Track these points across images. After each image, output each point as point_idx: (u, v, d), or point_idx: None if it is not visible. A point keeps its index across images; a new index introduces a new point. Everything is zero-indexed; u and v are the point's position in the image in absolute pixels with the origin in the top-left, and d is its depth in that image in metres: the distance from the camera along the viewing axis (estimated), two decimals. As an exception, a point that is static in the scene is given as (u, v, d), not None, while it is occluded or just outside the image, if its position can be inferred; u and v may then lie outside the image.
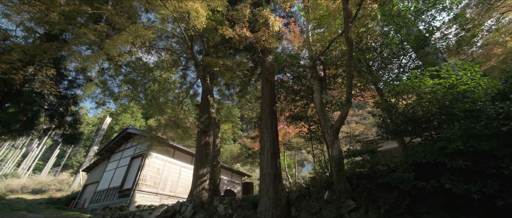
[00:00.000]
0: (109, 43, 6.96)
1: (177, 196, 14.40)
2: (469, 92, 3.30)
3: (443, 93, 3.56)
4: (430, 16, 5.11)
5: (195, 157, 10.34)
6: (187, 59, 16.27)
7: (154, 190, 13.13)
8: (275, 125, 7.27)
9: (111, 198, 13.34)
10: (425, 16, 5.29)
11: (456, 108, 3.36)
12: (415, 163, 3.94)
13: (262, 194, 5.96)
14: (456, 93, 3.37)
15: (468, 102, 3.24)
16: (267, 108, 7.47)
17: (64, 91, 13.05)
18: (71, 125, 13.30)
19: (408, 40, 5.81)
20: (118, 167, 15.28)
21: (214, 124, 8.79)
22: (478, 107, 3.14)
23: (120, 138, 16.71)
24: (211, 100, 9.35)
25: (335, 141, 5.51)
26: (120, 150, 16.76)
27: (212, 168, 8.21)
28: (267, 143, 6.70)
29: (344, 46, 5.66)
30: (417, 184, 3.87)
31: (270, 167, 6.26)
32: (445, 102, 3.45)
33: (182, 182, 15.26)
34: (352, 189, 5.29)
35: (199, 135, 10.88)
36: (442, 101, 3.48)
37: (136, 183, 12.32)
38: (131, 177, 13.13)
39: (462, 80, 3.39)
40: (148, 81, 15.07)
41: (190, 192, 9.39)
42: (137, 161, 13.74)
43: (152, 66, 14.92)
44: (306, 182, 8.95)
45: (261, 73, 8.67)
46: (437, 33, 4.91)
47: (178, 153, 15.89)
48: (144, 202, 12.17)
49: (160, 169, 14.06)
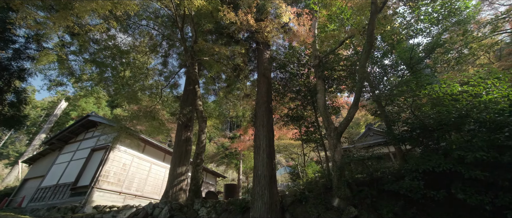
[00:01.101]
0: (81, 5, 5.65)
1: (144, 196, 12.84)
2: (492, 103, 3.35)
3: (466, 101, 3.57)
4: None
5: (173, 154, 9.25)
6: (169, 45, 14.85)
7: (117, 188, 11.44)
8: (271, 124, 6.81)
9: (60, 197, 11.20)
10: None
11: (476, 118, 3.36)
12: (425, 171, 3.87)
13: (256, 198, 5.40)
14: (481, 102, 3.39)
15: (490, 112, 3.27)
16: (264, 105, 6.98)
17: (7, 61, 10.55)
18: (13, 105, 10.82)
19: (402, 57, 5.97)
20: (73, 160, 13.03)
21: (201, 118, 7.92)
22: (499, 118, 3.16)
23: (78, 126, 14.35)
24: (198, 91, 8.46)
25: (338, 145, 5.28)
26: (77, 140, 14.38)
27: (195, 167, 7.34)
28: (263, 142, 6.19)
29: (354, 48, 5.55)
30: (427, 193, 3.80)
31: (266, 169, 5.75)
32: (466, 111, 3.45)
33: (151, 180, 13.72)
34: (352, 196, 5.10)
35: (179, 130, 9.81)
36: (464, 110, 3.48)
37: (95, 179, 10.55)
38: (89, 172, 11.23)
39: (490, 90, 3.44)
40: (121, 64, 13.24)
41: (165, 192, 8.29)
42: (99, 154, 11.85)
43: (128, 48, 13.14)
44: (293, 185, 8.67)
45: (258, 67, 8.16)
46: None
47: (149, 148, 14.28)
48: (104, 202, 10.47)
49: (127, 164, 12.38)
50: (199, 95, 8.41)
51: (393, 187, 4.26)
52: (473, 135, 3.39)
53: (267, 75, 7.76)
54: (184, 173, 8.78)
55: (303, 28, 5.66)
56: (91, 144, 13.11)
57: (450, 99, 3.67)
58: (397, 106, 5.41)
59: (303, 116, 7.08)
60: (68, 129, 14.54)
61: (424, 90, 3.86)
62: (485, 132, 3.28)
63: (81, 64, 13.49)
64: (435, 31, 5.02)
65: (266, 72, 7.83)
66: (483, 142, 3.14)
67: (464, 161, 3.30)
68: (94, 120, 13.69)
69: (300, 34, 5.75)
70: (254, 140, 6.59)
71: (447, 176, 3.89)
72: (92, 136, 13.89)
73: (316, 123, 6.69)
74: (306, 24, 5.65)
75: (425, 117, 4.10)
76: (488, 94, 3.42)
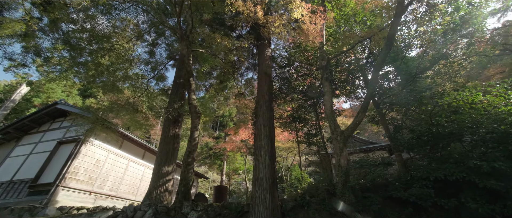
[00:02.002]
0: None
1: (118, 197, 11.61)
2: (506, 114, 3.45)
3: (484, 111, 3.66)
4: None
5: (159, 151, 8.45)
6: (158, 34, 13.80)
7: (88, 187, 10.15)
8: (273, 123, 6.51)
9: (15, 195, 9.59)
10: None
11: (490, 128, 3.43)
12: (436, 179, 3.88)
13: (257, 202, 5.02)
14: (498, 113, 3.48)
15: (506, 123, 3.36)
16: (265, 104, 6.65)
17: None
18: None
19: (409, 66, 6.10)
20: (33, 153, 11.33)
21: (194, 114, 7.30)
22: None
23: (43, 115, 12.58)
24: (193, 85, 7.84)
25: (344, 149, 5.15)
26: (40, 130, 12.58)
27: (186, 167, 6.71)
28: (264, 143, 5.85)
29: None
30: (437, 201, 3.79)
31: (267, 171, 5.41)
32: (481, 120, 3.53)
33: (128, 179, 12.48)
34: (356, 201, 4.99)
35: (167, 125, 9.02)
36: (479, 119, 3.55)
37: (62, 176, 9.21)
38: (54, 168, 9.79)
39: (509, 101, 3.55)
40: (100, 49, 11.85)
41: (147, 193, 7.48)
42: (68, 148, 10.43)
43: (110, 31, 11.83)
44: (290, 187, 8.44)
45: (259, 65, 7.82)
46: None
47: (128, 144, 13.01)
48: (71, 203, 9.19)
49: (101, 161, 11.09)
50: (193, 88, 7.79)
51: (401, 194, 4.21)
52: (486, 146, 3.46)
53: (268, 73, 7.47)
54: (170, 173, 8.04)
55: (314, 27, 5.49)
56: (57, 136, 11.52)
57: (468, 107, 3.75)
58: (401, 113, 5.51)
59: (306, 118, 6.91)
60: (30, 117, 12.64)
61: (446, 98, 3.91)
62: (497, 143, 3.36)
63: (49, 48, 11.85)
64: (441, 42, 5.23)
65: (267, 70, 7.54)
66: (499, 152, 3.21)
67: (480, 171, 3.33)
68: (63, 109, 12.08)
69: (310, 33, 5.57)
70: (254, 140, 6.22)
71: (454, 184, 3.94)
72: (60, 127, 12.24)
73: (318, 125, 6.57)
74: (318, 23, 5.49)
75: (438, 125, 4.13)
76: (507, 105, 3.55)
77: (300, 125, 6.92)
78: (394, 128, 5.17)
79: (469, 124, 3.66)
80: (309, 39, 5.70)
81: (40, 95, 19.86)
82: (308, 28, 5.49)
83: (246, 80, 12.38)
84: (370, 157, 11.17)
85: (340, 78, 6.28)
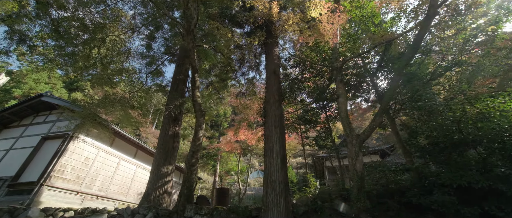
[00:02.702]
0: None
1: (108, 197, 10.89)
2: None
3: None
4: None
5: (158, 151, 7.97)
6: (156, 27, 13.20)
7: (75, 187, 9.41)
8: (283, 124, 6.29)
9: (-9, 195, 8.67)
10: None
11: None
12: (459, 187, 3.83)
13: (270, 207, 4.77)
14: None
15: None
16: (275, 104, 6.43)
17: None
18: None
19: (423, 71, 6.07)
20: (14, 149, 10.40)
21: (199, 112, 6.93)
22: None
23: (25, 107, 11.60)
24: (197, 81, 7.46)
25: (359, 153, 5.02)
26: (22, 124, 11.61)
27: (190, 167, 6.31)
28: (276, 145, 5.61)
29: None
30: (460, 209, 3.73)
31: (280, 174, 5.18)
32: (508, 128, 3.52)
33: (118, 179, 11.77)
34: (371, 207, 4.88)
35: (167, 123, 8.55)
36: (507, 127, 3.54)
37: (47, 175, 8.46)
38: (38, 165, 8.99)
39: None
40: (93, 39, 11.08)
41: (145, 195, 6.99)
42: (54, 144, 9.63)
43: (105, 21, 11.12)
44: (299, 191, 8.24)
45: (268, 64, 7.60)
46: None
47: (120, 141, 12.28)
48: (56, 204, 8.46)
49: (90, 159, 10.35)
50: (197, 85, 7.40)
51: (422, 201, 4.12)
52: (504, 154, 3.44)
53: (277, 73, 7.28)
54: (170, 173, 7.59)
55: (331, 27, 5.35)
56: (42, 131, 10.64)
57: (499, 115, 3.75)
58: (414, 118, 5.50)
59: (316, 120, 6.76)
60: (10, 109, 11.60)
61: (477, 104, 3.89)
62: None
63: (34, 33, 10.94)
64: (459, 48, 5.27)
65: (276, 69, 7.35)
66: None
67: (510, 179, 3.30)
68: (49, 102, 11.19)
69: (326, 33, 5.43)
70: (265, 142, 5.96)
71: (476, 192, 3.91)
72: (44, 121, 11.34)
73: (328, 128, 6.44)
74: (336, 23, 5.36)
75: (465, 132, 4.07)
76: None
77: (309, 127, 6.77)
78: (409, 133, 5.15)
79: (496, 131, 3.66)
80: (324, 39, 5.57)
81: (21, 86, 18.32)
82: (324, 27, 5.36)
83: (247, 80, 12.10)
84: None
85: (353, 80, 6.22)
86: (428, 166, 4.82)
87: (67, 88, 21.35)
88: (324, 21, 5.29)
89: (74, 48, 10.83)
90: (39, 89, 18.40)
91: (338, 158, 6.38)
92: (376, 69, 6.16)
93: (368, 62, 7.15)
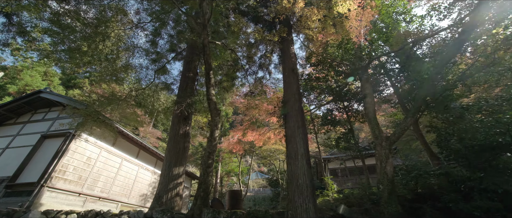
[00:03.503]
0: None
1: (109, 199, 10.42)
2: None
3: None
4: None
5: (168, 151, 7.61)
6: (161, 23, 12.82)
7: (77, 188, 8.94)
8: (305, 125, 6.05)
9: (-14, 196, 8.13)
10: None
11: None
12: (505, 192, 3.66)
13: (298, 212, 4.50)
14: None
15: None
16: (296, 104, 6.19)
17: None
18: None
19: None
20: (11, 148, 9.85)
21: (215, 110, 6.62)
22: None
23: (22, 104, 11.04)
24: (212, 79, 7.16)
25: (389, 155, 4.82)
26: (18, 122, 11.04)
27: (206, 169, 5.99)
28: (300, 147, 5.36)
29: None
30: (507, 215, 3.56)
31: (307, 177, 4.92)
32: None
33: (120, 180, 11.30)
34: (404, 212, 4.67)
35: (177, 122, 8.21)
36: None
37: (48, 175, 7.98)
38: (38, 165, 8.50)
39: None
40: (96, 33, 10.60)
41: (156, 197, 6.63)
42: (54, 143, 9.14)
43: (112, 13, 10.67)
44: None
45: (285, 62, 7.36)
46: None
47: (122, 141, 11.81)
48: (57, 206, 8.01)
49: (93, 159, 9.88)
50: (212, 83, 7.10)
51: (462, 206, 3.93)
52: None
53: (295, 71, 7.05)
54: (181, 175, 7.25)
55: (359, 24, 5.17)
56: (41, 129, 10.11)
57: None
58: (443, 120, 5.35)
59: (340, 121, 6.55)
60: (6, 106, 11.01)
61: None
62: None
63: (33, 29, 10.42)
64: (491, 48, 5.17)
65: (294, 67, 7.13)
66: None
67: None
68: (49, 98, 10.66)
69: (351, 30, 5.24)
70: (287, 143, 5.71)
71: None
72: (43, 119, 10.81)
73: (350, 129, 6.24)
74: (364, 19, 5.17)
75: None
76: None
77: (331, 128, 6.55)
78: (442, 136, 4.98)
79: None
80: (349, 37, 5.37)
81: (16, 82, 17.54)
82: (351, 24, 5.16)
83: (256, 79, 11.84)
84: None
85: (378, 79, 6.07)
86: (461, 170, 4.66)
87: (64, 85, 20.56)
88: (351, 18, 5.10)
89: (73, 44, 10.35)
90: (35, 85, 17.65)
91: (362, 159, 6.18)
92: (400, 70, 6.02)
93: (382, 63, 6.99)
